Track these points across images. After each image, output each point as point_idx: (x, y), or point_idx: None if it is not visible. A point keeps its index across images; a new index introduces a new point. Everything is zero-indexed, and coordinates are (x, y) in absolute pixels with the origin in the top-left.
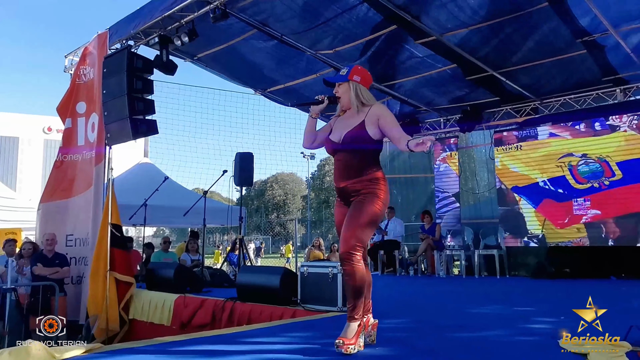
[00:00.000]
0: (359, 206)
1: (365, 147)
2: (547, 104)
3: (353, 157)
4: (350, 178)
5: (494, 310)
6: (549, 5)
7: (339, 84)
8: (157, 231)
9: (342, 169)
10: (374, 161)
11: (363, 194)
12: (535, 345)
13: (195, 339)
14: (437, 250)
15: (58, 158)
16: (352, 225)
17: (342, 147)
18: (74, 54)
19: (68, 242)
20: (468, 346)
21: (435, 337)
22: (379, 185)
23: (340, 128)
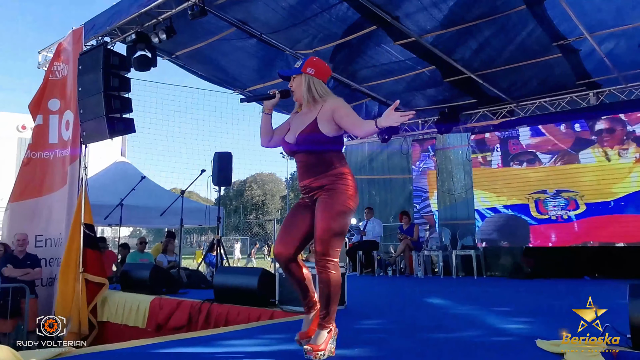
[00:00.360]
0: (327, 207)
1: (321, 147)
2: (523, 106)
3: (312, 157)
4: (311, 176)
5: (471, 311)
6: (526, 9)
7: (293, 77)
8: (133, 231)
9: (304, 168)
10: (336, 158)
11: (328, 190)
12: (511, 345)
13: (171, 342)
14: (415, 251)
15: (26, 156)
16: (324, 230)
17: (297, 148)
18: (47, 49)
19: (37, 243)
20: (445, 346)
21: (413, 338)
22: (346, 180)
23: (295, 127)
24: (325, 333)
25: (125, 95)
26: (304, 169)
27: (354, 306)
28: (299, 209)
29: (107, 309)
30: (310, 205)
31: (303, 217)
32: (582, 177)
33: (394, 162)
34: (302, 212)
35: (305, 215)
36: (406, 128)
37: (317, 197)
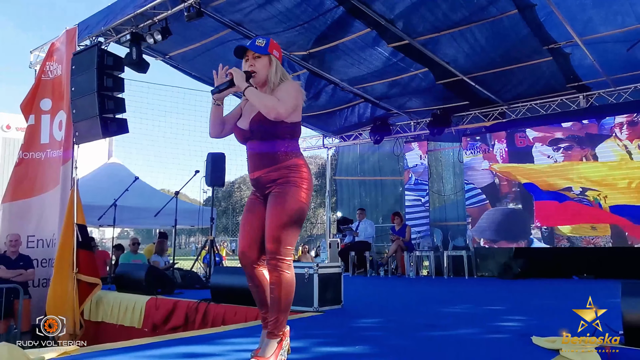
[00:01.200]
0: (280, 201)
1: (275, 133)
2: (514, 108)
3: (265, 144)
4: (264, 167)
5: (464, 310)
6: (518, 13)
7: (255, 56)
8: (121, 232)
9: (255, 158)
10: (291, 146)
11: (281, 184)
12: (507, 341)
13: (170, 341)
14: (407, 252)
15: (19, 156)
16: (275, 226)
17: (251, 134)
18: (40, 49)
19: (29, 244)
20: (440, 345)
21: (407, 336)
22: (300, 172)
23: (249, 112)
24: (275, 343)
25: (118, 96)
26: (255, 159)
27: (350, 306)
28: (251, 206)
29: (102, 309)
30: (261, 201)
31: (257, 214)
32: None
33: (385, 163)
34: (255, 210)
35: (258, 212)
36: (398, 130)
37: (268, 192)
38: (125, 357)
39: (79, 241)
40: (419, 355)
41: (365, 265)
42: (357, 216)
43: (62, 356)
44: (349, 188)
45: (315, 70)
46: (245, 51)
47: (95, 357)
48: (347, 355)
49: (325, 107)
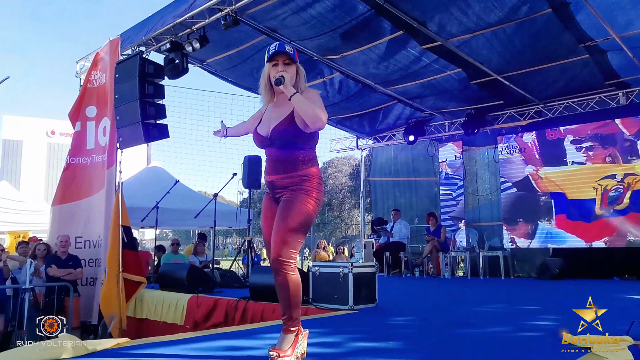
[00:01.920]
0: (288, 206)
1: (295, 143)
2: (550, 107)
3: (283, 153)
4: (280, 173)
5: (498, 309)
6: (552, 12)
7: (285, 62)
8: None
9: (273, 163)
10: (308, 155)
11: (292, 190)
12: (538, 339)
13: (212, 335)
14: (442, 252)
15: (67, 161)
16: (282, 229)
17: (271, 142)
18: (85, 59)
19: (77, 244)
20: (469, 342)
21: (441, 334)
22: (312, 182)
23: (269, 119)
24: (291, 337)
25: (159, 102)
26: (273, 164)
27: (384, 304)
28: (266, 212)
29: (146, 306)
30: (273, 204)
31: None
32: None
33: (419, 164)
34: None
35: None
36: (432, 130)
37: (280, 196)
38: (170, 349)
39: (124, 242)
40: (449, 352)
41: (400, 266)
42: (392, 217)
43: (114, 347)
44: (384, 189)
45: (349, 73)
46: (274, 56)
47: (144, 349)
48: (379, 351)
49: (359, 108)
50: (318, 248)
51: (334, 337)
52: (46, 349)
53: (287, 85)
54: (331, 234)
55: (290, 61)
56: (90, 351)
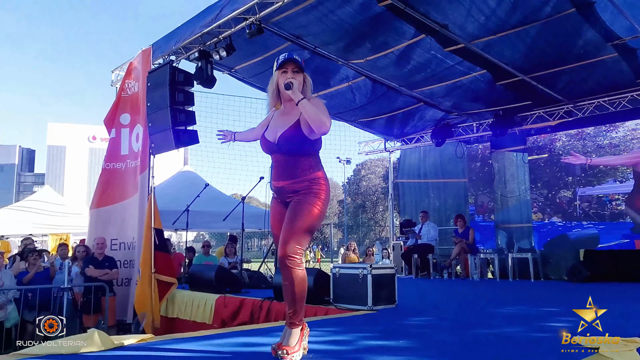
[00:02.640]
0: (298, 208)
1: (301, 149)
2: (581, 107)
3: (291, 158)
4: (289, 178)
5: (519, 311)
6: (576, 11)
7: (294, 70)
8: (197, 236)
9: (280, 169)
10: (313, 160)
11: (302, 194)
12: (549, 340)
13: (234, 332)
14: (470, 254)
15: (103, 166)
16: (291, 228)
17: (278, 149)
18: (120, 69)
19: (113, 246)
20: (481, 341)
21: (455, 333)
22: (320, 185)
23: (276, 125)
24: (297, 331)
25: (189, 109)
26: (280, 170)
27: (404, 305)
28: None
29: (176, 306)
30: (282, 207)
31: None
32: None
33: (448, 165)
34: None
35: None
36: (460, 131)
37: (290, 201)
38: (190, 344)
39: (156, 244)
40: (459, 350)
41: (429, 268)
42: (420, 219)
43: (140, 342)
44: (412, 191)
45: (374, 77)
46: (283, 64)
47: (166, 344)
48: (390, 348)
49: (385, 111)
50: (347, 250)
51: (347, 335)
52: (76, 342)
53: (295, 90)
54: (365, 236)
55: (299, 70)
56: (116, 345)
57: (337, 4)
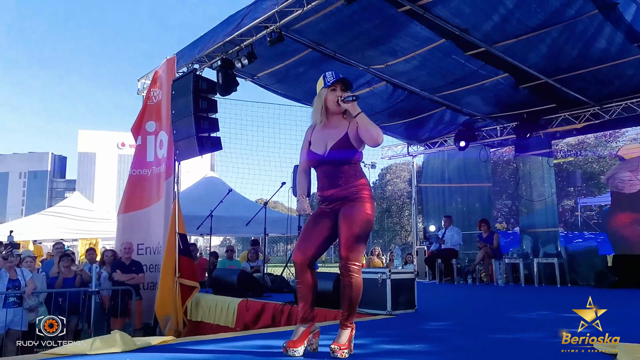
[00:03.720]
0: (351, 215)
1: (350, 159)
2: (608, 109)
3: (338, 169)
4: (336, 187)
5: (539, 316)
6: (599, 12)
7: (343, 88)
8: (223, 240)
9: (327, 179)
10: (357, 170)
11: (350, 200)
12: (566, 347)
13: (253, 335)
14: (495, 259)
15: (130, 173)
16: (348, 237)
17: (328, 160)
18: (145, 77)
19: (139, 251)
20: (498, 346)
21: (472, 337)
22: (365, 190)
23: (323, 139)
24: (347, 332)
25: (212, 116)
26: (328, 180)
27: (424, 310)
28: (318, 217)
29: (201, 310)
30: (329, 213)
31: (323, 225)
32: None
33: (472, 169)
34: (322, 220)
35: (325, 223)
36: (484, 135)
37: (340, 207)
38: (208, 346)
39: (180, 248)
40: (475, 355)
41: (452, 273)
42: (443, 223)
43: (161, 344)
44: (435, 195)
45: (395, 82)
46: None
47: (186, 346)
48: (405, 352)
49: (408, 115)
50: (372, 255)
51: (365, 339)
52: (99, 343)
53: (355, 104)
54: (390, 240)
55: (346, 88)
56: (138, 347)
57: (356, 11)
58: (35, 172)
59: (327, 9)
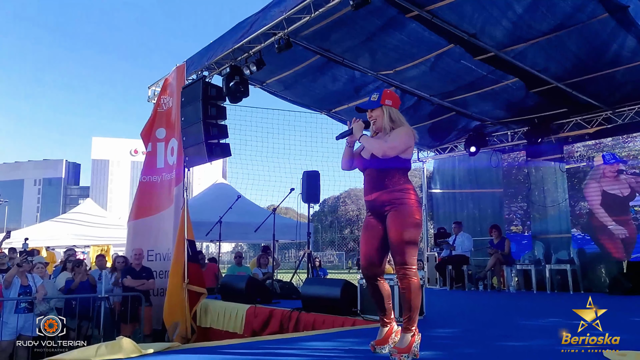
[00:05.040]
0: (399, 220)
1: (389, 164)
2: (620, 113)
3: (380, 172)
4: (378, 190)
5: (549, 323)
6: (609, 16)
7: (371, 109)
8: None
9: (371, 182)
10: (401, 176)
11: (395, 204)
12: (578, 356)
13: (262, 342)
14: (506, 265)
15: (140, 179)
16: (399, 243)
17: (370, 164)
18: (155, 85)
19: (149, 257)
20: (506, 354)
21: (480, 345)
22: (410, 194)
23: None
24: (409, 336)
25: (221, 123)
26: (372, 183)
27: (434, 317)
28: (367, 229)
29: (209, 316)
30: (377, 222)
31: (373, 235)
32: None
33: (482, 175)
34: (372, 230)
35: (375, 232)
36: (495, 140)
37: (386, 214)
38: (216, 354)
39: (189, 255)
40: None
41: (463, 280)
42: (454, 230)
43: (166, 350)
44: (446, 201)
45: (404, 87)
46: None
47: (191, 353)
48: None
49: (417, 121)
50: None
51: (367, 347)
52: (104, 349)
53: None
54: None
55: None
56: (143, 353)
57: (364, 17)
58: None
59: (335, 15)
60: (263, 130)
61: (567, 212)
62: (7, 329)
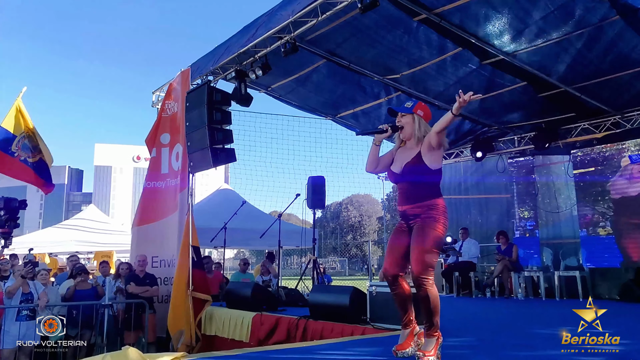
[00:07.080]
0: (421, 232)
1: (423, 178)
2: (629, 117)
3: (413, 186)
4: (410, 203)
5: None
6: (620, 18)
7: (402, 114)
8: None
9: (402, 195)
10: (433, 189)
11: (423, 218)
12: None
13: (270, 351)
14: (514, 272)
15: (144, 185)
16: (419, 251)
17: (401, 179)
18: (160, 90)
19: (154, 263)
20: None
21: (492, 355)
22: (438, 210)
23: (401, 159)
24: (433, 341)
25: (226, 128)
26: (404, 196)
27: (444, 325)
28: (397, 233)
29: (214, 324)
30: (406, 230)
31: (401, 240)
32: None
33: (490, 181)
34: (400, 236)
35: (402, 239)
36: (501, 145)
37: (412, 225)
38: None
39: (194, 261)
40: None
41: (470, 287)
42: (460, 236)
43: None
44: (453, 207)
45: (410, 92)
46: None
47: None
48: None
49: None
50: None
51: (384, 357)
52: (110, 359)
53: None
54: None
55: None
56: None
57: (371, 20)
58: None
59: (342, 18)
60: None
61: (575, 217)
62: (9, 337)
